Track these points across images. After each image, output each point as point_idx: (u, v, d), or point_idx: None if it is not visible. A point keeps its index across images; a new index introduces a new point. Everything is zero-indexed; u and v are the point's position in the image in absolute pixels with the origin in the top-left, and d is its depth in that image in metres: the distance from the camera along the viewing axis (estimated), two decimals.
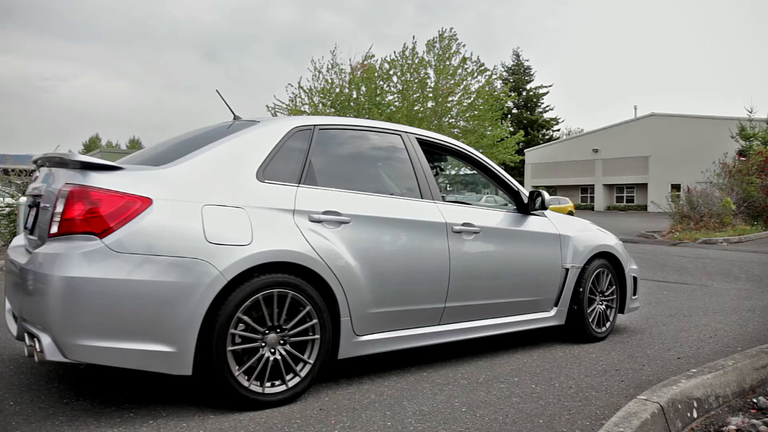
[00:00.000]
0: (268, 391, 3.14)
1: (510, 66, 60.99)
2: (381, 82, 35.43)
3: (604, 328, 4.99)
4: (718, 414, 3.08)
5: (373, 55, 38.97)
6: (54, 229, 2.89)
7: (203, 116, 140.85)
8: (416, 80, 33.26)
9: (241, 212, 3.14)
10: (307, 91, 38.93)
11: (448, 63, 32.97)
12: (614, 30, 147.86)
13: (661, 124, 47.10)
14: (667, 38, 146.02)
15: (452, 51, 33.23)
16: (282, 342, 3.21)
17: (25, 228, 3.56)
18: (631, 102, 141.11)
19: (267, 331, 3.16)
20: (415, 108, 33.12)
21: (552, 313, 4.71)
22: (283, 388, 3.20)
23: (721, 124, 43.17)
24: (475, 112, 33.00)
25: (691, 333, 5.31)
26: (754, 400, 3.23)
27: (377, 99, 34.79)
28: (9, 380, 3.57)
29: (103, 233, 2.81)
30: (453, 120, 34.09)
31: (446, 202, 4.17)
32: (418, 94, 33.48)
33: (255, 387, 3.10)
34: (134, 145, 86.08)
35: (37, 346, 2.75)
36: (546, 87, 60.80)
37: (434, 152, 4.50)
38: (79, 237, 2.82)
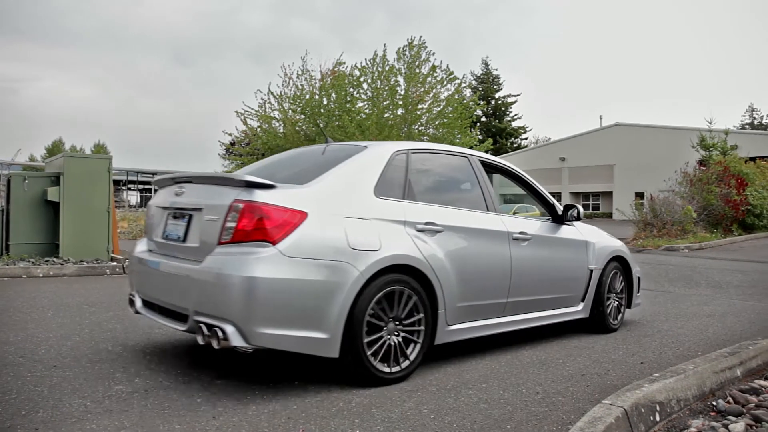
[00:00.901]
0: (392, 370, 3.79)
1: (479, 75, 61.74)
2: (351, 89, 35.43)
3: (616, 321, 5.80)
4: (680, 417, 3.14)
5: (343, 62, 38.99)
6: (226, 237, 3.48)
7: (171, 120, 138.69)
8: (386, 87, 33.34)
9: (370, 223, 3.82)
10: (277, 96, 38.74)
11: (418, 71, 33.13)
12: (580, 41, 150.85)
13: (625, 134, 48.17)
14: (631, 49, 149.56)
15: (422, 59, 33.38)
16: (397, 331, 3.85)
17: (164, 236, 4.13)
18: (597, 111, 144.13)
19: (388, 321, 3.79)
20: (386, 115, 33.18)
21: (579, 307, 5.48)
22: (398, 368, 3.83)
23: (682, 134, 44.32)
24: (445, 120, 33.18)
25: (654, 338, 5.43)
26: (714, 403, 3.31)
27: (347, 106, 34.77)
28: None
29: (275, 241, 3.41)
30: (423, 127, 34.23)
31: (507, 214, 4.95)
32: (388, 102, 33.55)
33: (381, 367, 3.73)
34: (99, 149, 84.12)
35: (221, 334, 3.31)
36: (514, 96, 61.68)
37: (491, 171, 5.25)
38: (253, 244, 3.41)
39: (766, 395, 3.42)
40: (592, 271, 5.54)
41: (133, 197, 58.43)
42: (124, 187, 59.18)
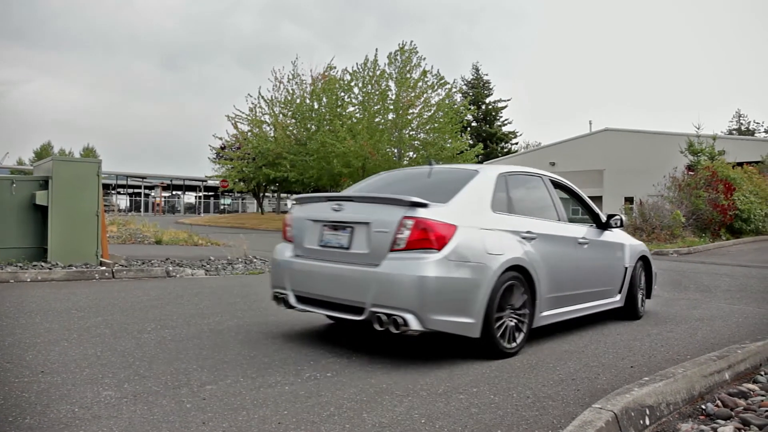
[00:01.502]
0: (511, 346, 4.80)
1: (469, 80, 61.84)
2: (342, 93, 35.46)
3: (643, 308, 6.98)
4: (669, 421, 3.16)
5: (334, 66, 39.06)
6: (399, 246, 4.43)
7: (160, 124, 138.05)
8: (377, 92, 33.40)
9: (495, 233, 4.83)
10: (268, 101, 38.70)
11: (408, 76, 33.23)
12: (569, 46, 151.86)
13: (614, 139, 48.46)
14: (619, 55, 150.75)
15: (413, 64, 33.52)
16: (511, 317, 4.84)
17: (321, 244, 4.98)
18: (586, 117, 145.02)
19: (506, 309, 4.79)
20: (376, 119, 33.23)
21: (617, 298, 6.54)
22: (514, 344, 4.84)
23: (671, 139, 44.62)
24: (435, 125, 33.30)
25: (643, 342, 5.46)
26: (703, 407, 3.33)
27: (338, 110, 34.79)
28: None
29: (439, 248, 4.38)
30: (413, 132, 34.32)
31: (568, 222, 5.97)
32: (379, 106, 33.60)
33: (504, 344, 4.73)
34: (88, 153, 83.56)
35: (401, 321, 4.27)
36: (504, 101, 61.85)
37: (555, 186, 6.23)
38: (422, 251, 4.37)
39: (754, 399, 3.44)
40: (626, 268, 6.64)
41: (123, 201, 58.09)
42: (113, 191, 58.82)
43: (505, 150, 61.36)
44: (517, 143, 66.10)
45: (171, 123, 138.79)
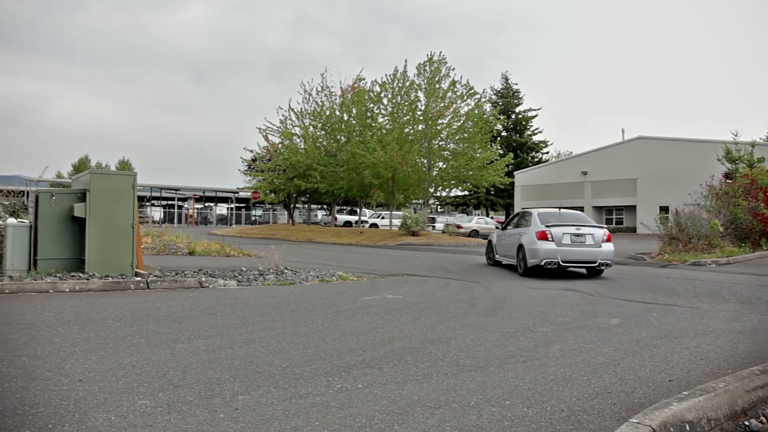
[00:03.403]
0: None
1: (499, 89, 61.60)
2: (371, 105, 35.64)
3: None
4: None
5: (363, 78, 39.32)
6: (603, 240, 13.37)
7: (193, 137, 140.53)
8: (406, 103, 33.49)
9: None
10: (298, 113, 39.13)
11: (437, 86, 33.24)
12: (599, 54, 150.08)
13: (648, 147, 47.62)
14: (652, 62, 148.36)
15: (442, 74, 33.51)
16: None
17: (572, 241, 13.32)
18: (619, 125, 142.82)
19: None
20: (406, 130, 33.29)
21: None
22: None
23: (707, 147, 43.64)
24: (465, 135, 33.19)
25: (682, 355, 5.31)
26: (746, 423, 3.22)
27: (368, 121, 34.96)
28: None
29: (610, 241, 13.53)
30: (443, 142, 34.27)
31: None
32: (408, 117, 33.67)
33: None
34: (124, 165, 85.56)
35: (606, 265, 13.37)
36: (534, 110, 61.43)
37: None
38: (609, 243, 13.48)
39: None
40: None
41: (157, 213, 59.19)
42: (148, 203, 60.03)
43: (536, 159, 60.81)
44: (547, 152, 65.49)
45: (203, 135, 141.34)
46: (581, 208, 51.94)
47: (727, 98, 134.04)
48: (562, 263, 12.89)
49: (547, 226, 13.25)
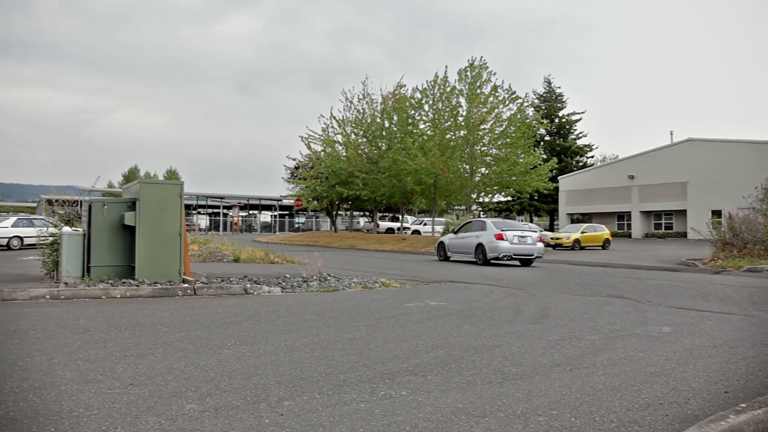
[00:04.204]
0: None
1: (541, 93, 60.76)
2: (413, 111, 35.68)
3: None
4: None
5: (404, 85, 39.41)
6: (537, 240, 19.82)
7: (236, 146, 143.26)
8: (448, 109, 33.40)
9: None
10: (339, 121, 39.49)
11: (479, 91, 33.03)
12: (646, 56, 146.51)
13: (698, 150, 46.13)
14: (700, 63, 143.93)
15: (483, 79, 33.30)
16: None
17: (519, 241, 19.33)
18: (666, 127, 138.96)
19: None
20: (447, 136, 33.18)
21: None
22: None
23: (761, 148, 42.06)
24: (507, 140, 32.88)
25: (738, 365, 5.10)
26: None
27: (409, 128, 35.01)
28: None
29: (541, 241, 20.66)
30: (485, 148, 34.01)
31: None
32: (450, 123, 33.56)
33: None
34: (171, 175, 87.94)
35: (540, 256, 20.15)
36: (578, 114, 60.30)
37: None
38: (541, 243, 20.58)
39: None
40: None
41: (203, 221, 60.52)
42: (194, 211, 61.45)
43: (581, 164, 59.66)
44: (592, 156, 64.21)
45: (247, 145, 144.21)
46: (628, 214, 50.68)
47: None
48: (513, 256, 18.96)
49: (502, 230, 19.16)
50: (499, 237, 18.83)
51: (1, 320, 6.86)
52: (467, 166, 33.32)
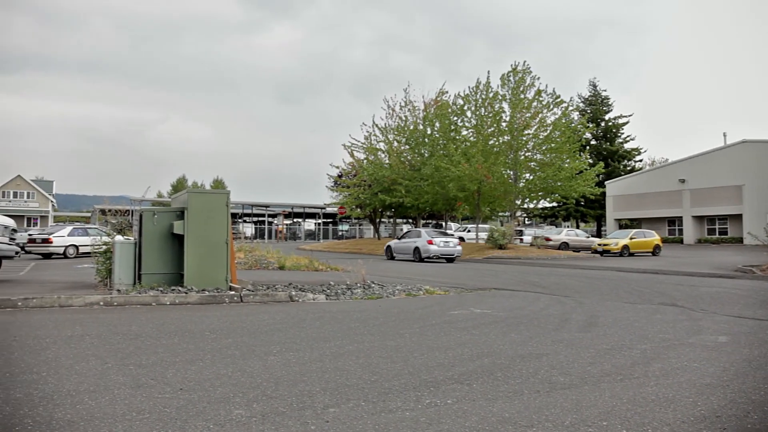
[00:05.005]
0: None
1: (587, 97, 59.63)
2: (455, 118, 35.54)
3: None
4: None
5: (446, 91, 39.29)
6: (457, 244, 26.63)
7: (280, 155, 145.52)
8: (491, 114, 33.12)
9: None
10: (382, 128, 39.62)
11: (522, 96, 32.65)
12: (697, 56, 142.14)
13: (754, 151, 44.37)
14: (753, 62, 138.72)
15: (527, 84, 32.92)
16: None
17: (442, 244, 25.68)
18: (718, 129, 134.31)
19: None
20: (491, 142, 32.89)
21: None
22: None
23: None
24: (552, 145, 32.36)
25: None
26: None
27: (452, 134, 34.87)
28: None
29: (459, 245, 26.44)
30: (529, 153, 33.56)
31: None
32: (493, 128, 33.27)
33: None
34: (217, 184, 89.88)
35: (458, 256, 25.95)
36: (626, 117, 58.90)
37: None
38: (457, 246, 26.23)
39: None
40: None
41: (248, 229, 61.60)
42: (240, 220, 62.61)
43: (628, 168, 58.22)
44: (641, 160, 62.63)
45: (290, 153, 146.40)
46: (679, 219, 49.11)
47: None
48: (440, 256, 25.16)
49: (432, 237, 25.44)
50: (430, 242, 24.96)
51: (59, 326, 7.13)
52: (511, 172, 32.94)
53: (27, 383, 4.40)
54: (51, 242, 24.86)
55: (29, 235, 27.07)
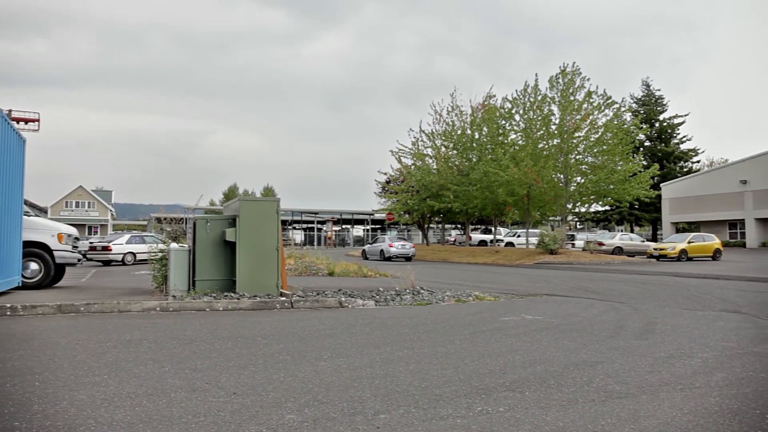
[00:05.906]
0: None
1: (639, 97, 57.98)
2: (503, 122, 35.15)
3: None
4: None
5: (493, 95, 38.89)
6: (412, 246, 34.55)
7: (328, 163, 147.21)
8: (540, 117, 32.60)
9: None
10: (429, 134, 39.56)
11: (572, 98, 32.00)
12: (756, 53, 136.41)
13: None
14: None
15: (576, 86, 32.24)
16: None
17: (398, 247, 32.84)
18: None
19: None
20: (540, 145, 32.36)
21: None
22: None
23: None
24: (604, 147, 31.55)
25: None
26: None
27: (500, 138, 34.50)
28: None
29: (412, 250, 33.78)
30: (580, 156, 32.83)
31: None
32: (542, 132, 32.73)
33: None
34: (268, 192, 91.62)
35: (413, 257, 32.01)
36: (681, 116, 56.98)
37: None
38: (411, 247, 33.69)
39: None
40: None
41: (298, 236, 62.46)
42: (290, 227, 63.57)
43: (685, 170, 56.25)
44: (698, 161, 60.39)
45: (338, 160, 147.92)
46: (741, 221, 47.08)
47: None
48: (398, 255, 31.25)
49: (392, 241, 32.87)
50: (391, 245, 32.29)
51: (118, 330, 7.39)
52: (561, 176, 32.30)
53: (90, 385, 4.57)
54: (110, 250, 25.88)
55: (90, 243, 28.27)
